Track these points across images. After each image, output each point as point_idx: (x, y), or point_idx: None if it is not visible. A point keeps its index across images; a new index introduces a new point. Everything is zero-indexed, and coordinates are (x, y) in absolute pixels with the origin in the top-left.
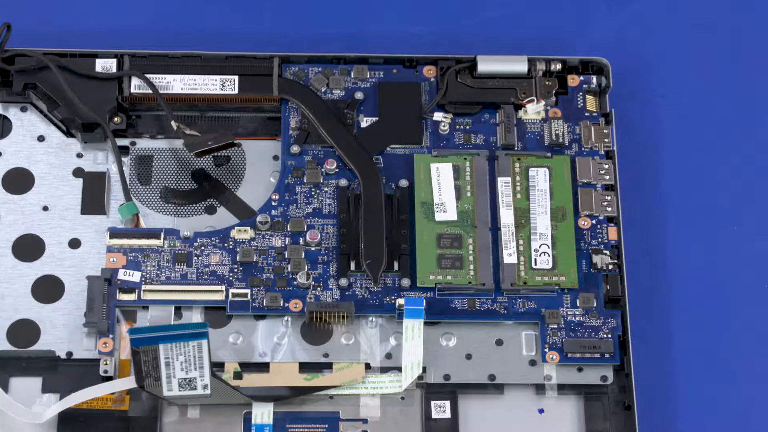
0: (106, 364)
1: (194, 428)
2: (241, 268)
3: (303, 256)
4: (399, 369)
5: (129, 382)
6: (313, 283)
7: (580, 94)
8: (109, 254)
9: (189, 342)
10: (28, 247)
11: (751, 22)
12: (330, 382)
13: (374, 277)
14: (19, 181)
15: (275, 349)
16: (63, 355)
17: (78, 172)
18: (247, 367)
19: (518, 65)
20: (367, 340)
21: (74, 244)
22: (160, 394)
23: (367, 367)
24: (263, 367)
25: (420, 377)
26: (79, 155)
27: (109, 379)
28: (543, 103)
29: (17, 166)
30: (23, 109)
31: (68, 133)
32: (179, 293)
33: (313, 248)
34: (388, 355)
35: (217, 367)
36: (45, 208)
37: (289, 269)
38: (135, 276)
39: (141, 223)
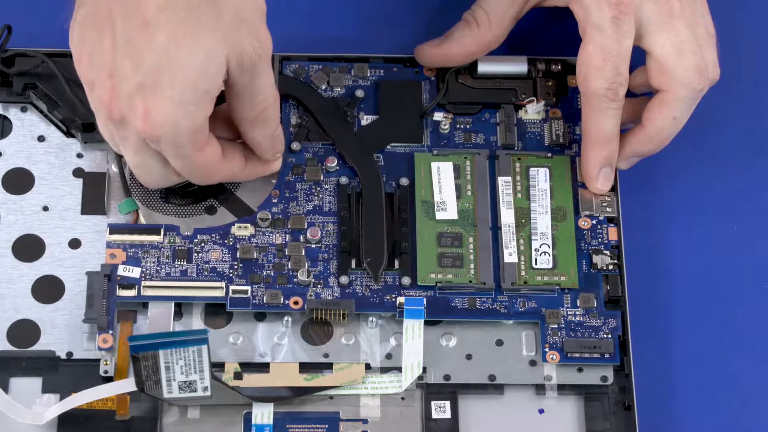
0: (107, 364)
1: (194, 429)
2: (241, 265)
3: (303, 254)
4: (399, 369)
5: (129, 385)
6: (313, 280)
7: (580, 94)
8: (109, 250)
9: (189, 347)
10: (28, 247)
11: (751, 22)
12: (330, 382)
13: (375, 275)
14: (19, 181)
15: (275, 349)
16: (63, 355)
17: (78, 172)
18: (248, 367)
19: (518, 66)
20: (367, 340)
21: (74, 244)
22: (160, 396)
23: (367, 367)
24: (263, 367)
25: (420, 377)
26: (79, 155)
27: (110, 379)
28: (543, 102)
29: (17, 166)
30: (23, 110)
31: (68, 133)
32: (179, 289)
33: (313, 245)
34: (388, 356)
35: (217, 367)
36: (45, 208)
37: (289, 266)
38: (135, 272)
39: (141, 220)
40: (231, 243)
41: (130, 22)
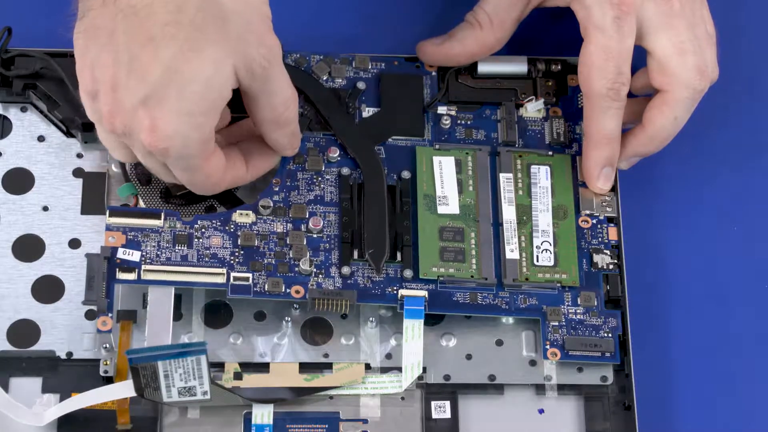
0: (107, 364)
1: (194, 429)
2: (242, 252)
3: (305, 243)
4: (399, 369)
5: (129, 388)
6: (314, 270)
7: (580, 94)
8: (108, 233)
9: (188, 357)
10: (28, 247)
11: (750, 22)
12: (330, 382)
13: (376, 267)
14: (19, 181)
15: (275, 349)
16: (63, 355)
17: (78, 172)
18: (247, 367)
19: (518, 66)
20: (367, 340)
21: (74, 244)
22: (159, 400)
23: (367, 367)
24: (263, 367)
25: (420, 377)
26: (79, 155)
27: (110, 379)
28: (542, 100)
29: (17, 166)
30: (23, 110)
31: (68, 133)
32: (179, 275)
33: (315, 235)
34: (388, 355)
35: (217, 367)
36: (45, 208)
37: (290, 255)
38: (135, 255)
39: (140, 205)
40: (232, 230)
41: (134, 39)
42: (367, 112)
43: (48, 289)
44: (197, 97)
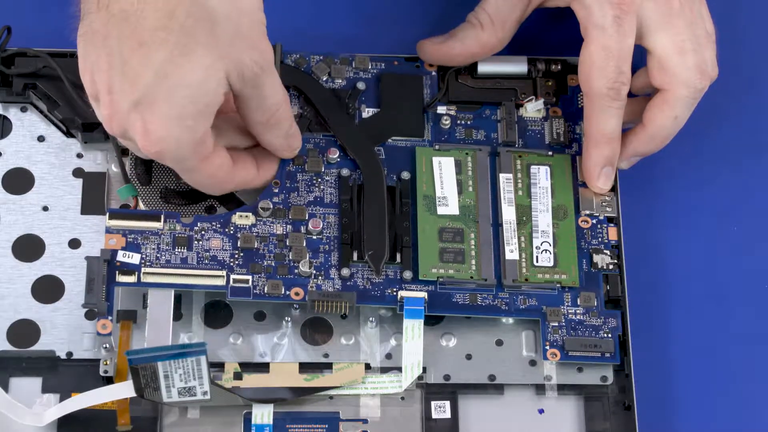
0: (106, 364)
1: (194, 429)
2: (242, 254)
3: (304, 245)
4: (399, 369)
5: (129, 389)
6: (314, 272)
7: (580, 94)
8: (108, 235)
9: (188, 358)
10: (28, 247)
11: (750, 22)
12: (330, 382)
13: (376, 268)
14: (19, 181)
15: (275, 349)
16: (63, 355)
17: (78, 172)
18: (247, 367)
19: (518, 66)
20: (367, 340)
21: (74, 244)
22: (159, 400)
23: (367, 367)
24: (263, 367)
25: (420, 377)
26: (79, 155)
27: (110, 379)
28: (542, 100)
29: (17, 166)
30: (23, 110)
31: (68, 133)
32: (179, 277)
33: (314, 237)
34: (388, 355)
35: (217, 367)
36: (45, 208)
37: (290, 257)
38: (134, 258)
39: (140, 206)
40: (231, 232)
41: (126, 44)
42: (367, 112)
43: (48, 289)
44: (187, 101)
